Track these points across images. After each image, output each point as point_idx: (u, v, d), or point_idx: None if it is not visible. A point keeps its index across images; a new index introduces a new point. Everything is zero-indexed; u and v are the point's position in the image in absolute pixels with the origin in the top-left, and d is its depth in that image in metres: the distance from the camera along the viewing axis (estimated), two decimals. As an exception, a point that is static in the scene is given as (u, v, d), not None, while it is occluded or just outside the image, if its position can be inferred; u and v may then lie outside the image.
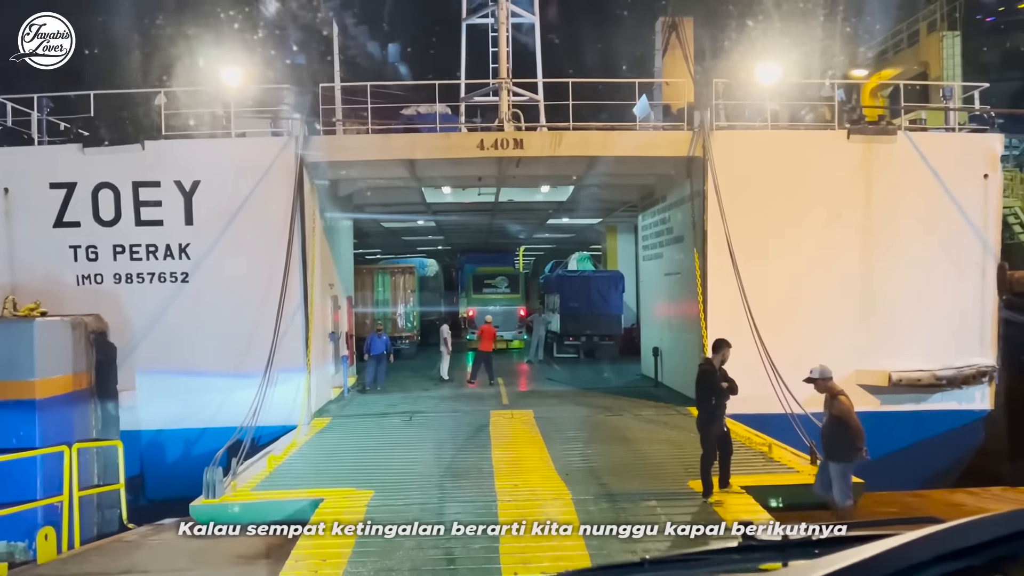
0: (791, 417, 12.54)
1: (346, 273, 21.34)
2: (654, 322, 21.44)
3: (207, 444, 13.69)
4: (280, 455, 12.53)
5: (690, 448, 12.60)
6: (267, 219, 15.72)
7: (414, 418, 15.86)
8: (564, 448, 12.65)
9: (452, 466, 11.47)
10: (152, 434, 15.18)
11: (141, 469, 14.71)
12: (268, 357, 14.02)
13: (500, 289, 30.88)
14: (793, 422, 12.41)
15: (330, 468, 11.67)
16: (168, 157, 15.90)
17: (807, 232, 16.19)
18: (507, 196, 22.38)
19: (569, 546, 7.73)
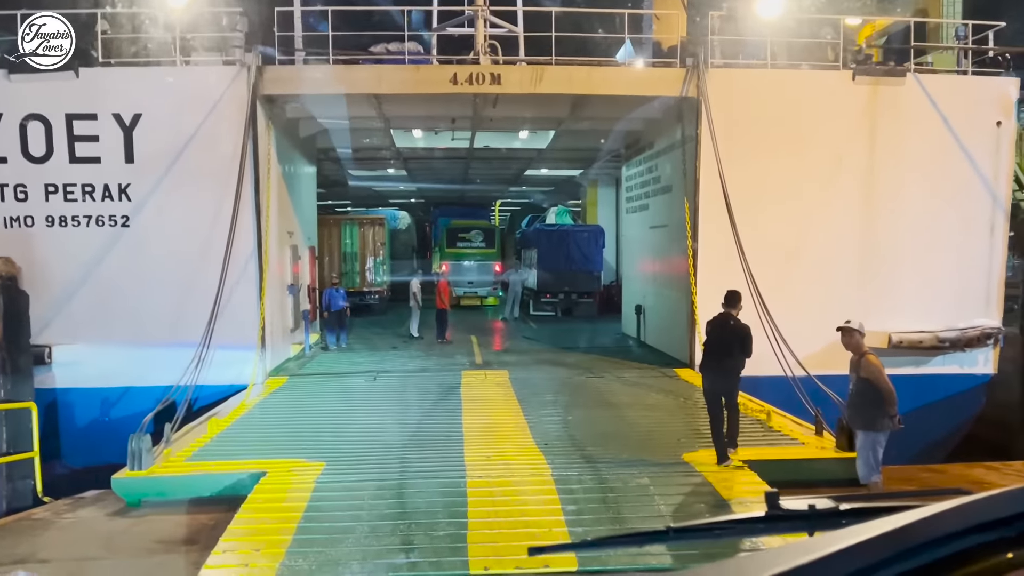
0: (792, 380, 11.42)
1: (308, 222, 19.84)
2: (637, 278, 20.23)
3: (148, 405, 12.39)
4: (225, 419, 11.23)
5: (681, 414, 11.51)
6: (217, 158, 14.18)
7: (379, 378, 14.58)
8: (542, 413, 11.45)
9: (417, 434, 10.23)
10: (85, 393, 13.78)
11: (70, 432, 13.36)
12: (212, 308, 12.60)
13: (475, 243, 29.49)
14: (795, 386, 11.29)
15: (280, 435, 10.38)
16: (106, 87, 14.26)
17: (806, 182, 14.98)
18: (483, 142, 20.89)
19: (549, 533, 6.52)
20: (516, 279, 25.95)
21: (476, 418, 11.12)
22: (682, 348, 15.70)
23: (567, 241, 26.38)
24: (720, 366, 8.91)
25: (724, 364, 8.92)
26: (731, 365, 8.87)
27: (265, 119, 14.92)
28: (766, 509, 1.62)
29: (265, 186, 14.63)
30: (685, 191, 15.20)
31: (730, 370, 8.92)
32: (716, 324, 8.96)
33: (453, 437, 9.90)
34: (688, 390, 13.43)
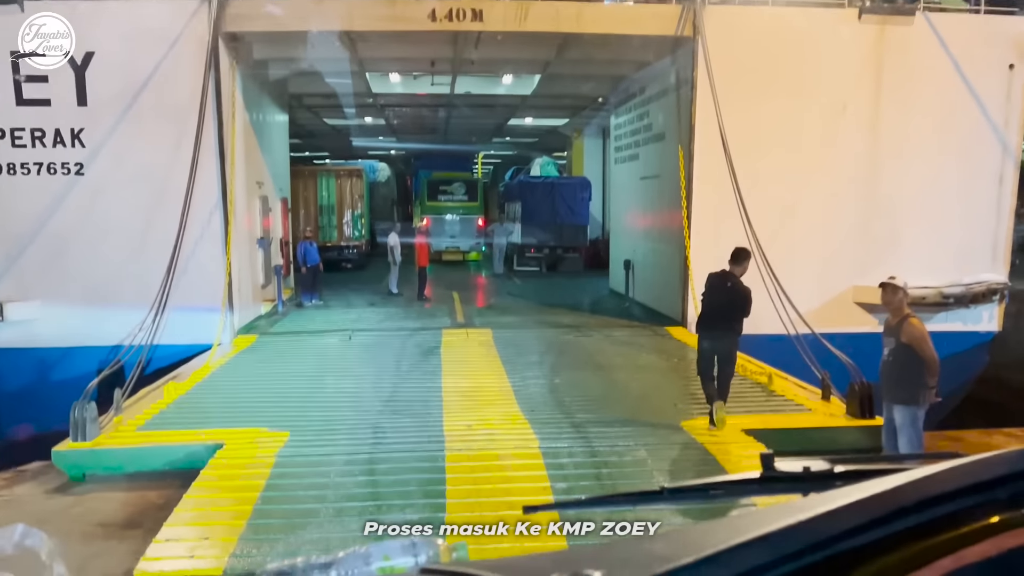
0: (796, 340, 10.70)
1: (280, 173, 18.81)
2: (626, 232, 19.39)
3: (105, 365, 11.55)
4: (185, 382, 10.37)
5: (675, 376, 10.78)
6: (178, 101, 13.11)
7: (354, 337, 13.74)
8: (527, 376, 10.68)
9: (392, 399, 9.43)
10: (38, 354, 12.87)
11: (21, 396, 12.48)
12: (170, 262, 11.70)
13: (457, 196, 28.46)
14: (798, 345, 10.57)
15: (243, 400, 9.54)
16: (55, 22, 13.09)
17: (807, 129, 14.12)
18: (464, 87, 19.78)
19: (537, 516, 5.74)
20: (501, 233, 25.03)
21: (457, 381, 10.33)
22: (674, 305, 14.94)
23: (552, 193, 25.47)
24: (716, 328, 8.15)
25: (720, 326, 8.17)
26: (728, 328, 8.11)
27: (229, 59, 13.82)
28: (761, 470, 1.62)
29: (230, 132, 13.60)
30: (679, 139, 14.31)
31: (727, 333, 8.17)
32: (715, 283, 8.20)
33: (432, 403, 9.11)
34: (681, 349, 12.70)
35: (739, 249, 8.26)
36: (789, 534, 0.98)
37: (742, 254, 8.16)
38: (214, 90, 13.22)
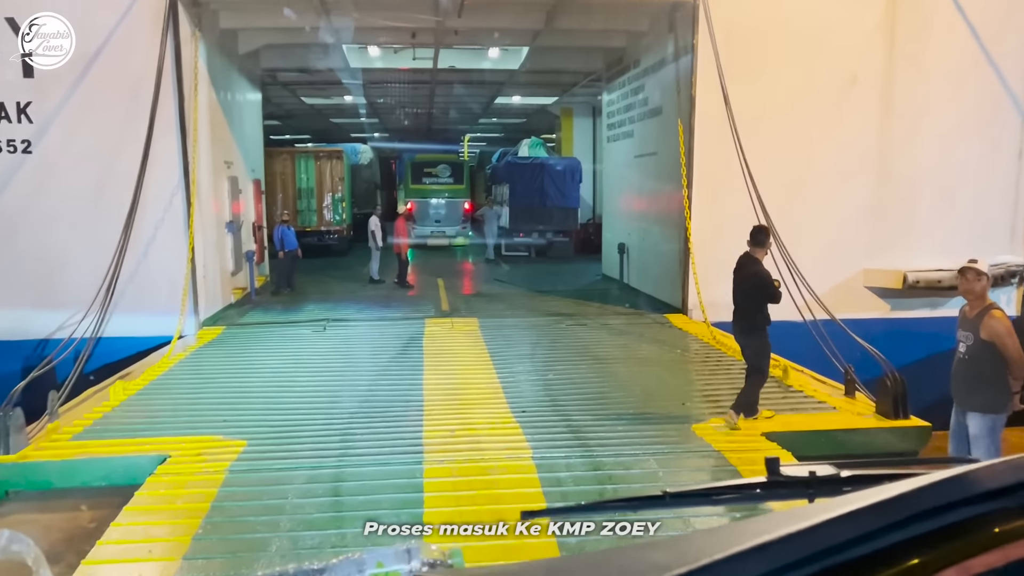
0: (813, 328, 9.77)
1: (253, 152, 17.68)
2: (620, 214, 18.39)
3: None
4: (136, 381, 9.32)
5: (680, 370, 9.83)
6: (134, 73, 11.99)
7: (329, 328, 12.72)
8: (518, 370, 9.71)
9: (367, 400, 8.42)
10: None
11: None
12: (118, 245, 10.65)
13: (442, 179, 27.37)
14: (815, 333, 9.64)
15: (199, 402, 8.52)
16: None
17: (814, 101, 13.15)
18: (448, 61, 18.66)
19: (532, 544, 4.80)
20: (492, 217, 23.87)
21: (440, 378, 9.33)
22: (674, 291, 13.98)
23: (541, 175, 24.43)
24: (741, 320, 7.23)
25: (743, 318, 7.25)
26: (751, 319, 7.18)
27: (190, 26, 12.70)
28: (766, 475, 1.60)
29: (192, 106, 12.49)
30: (679, 112, 13.29)
31: (748, 326, 7.25)
32: (738, 268, 7.30)
33: (411, 404, 8.11)
34: (683, 339, 11.76)
35: (757, 227, 7.33)
36: (791, 542, 0.96)
37: (760, 233, 7.21)
38: (173, 60, 12.12)
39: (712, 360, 10.29)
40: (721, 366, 9.95)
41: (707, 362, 10.21)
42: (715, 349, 10.87)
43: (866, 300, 13.56)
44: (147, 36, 11.93)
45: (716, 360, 10.27)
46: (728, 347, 10.78)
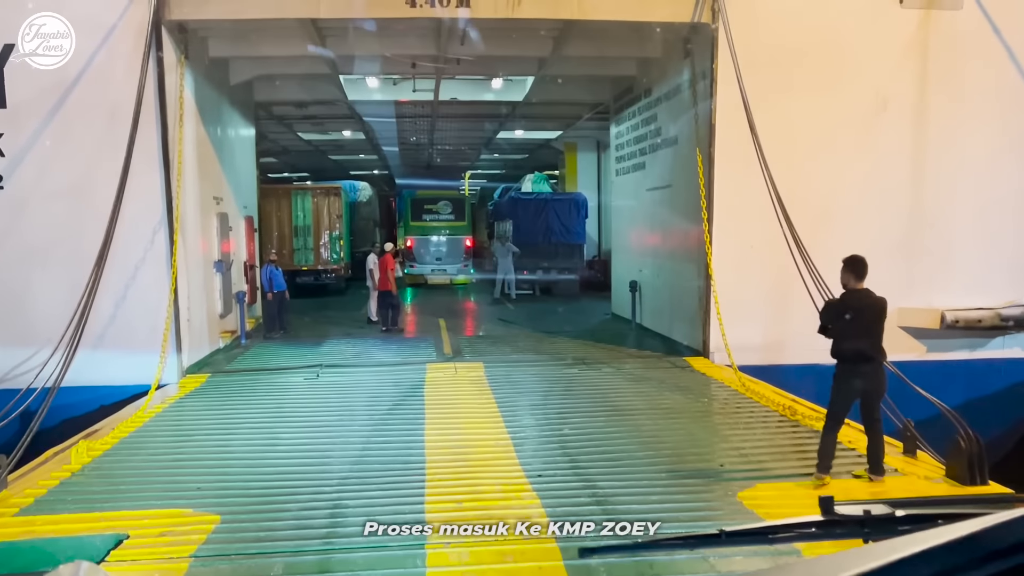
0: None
1: (245, 188, 16.82)
2: (630, 250, 17.49)
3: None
4: (104, 440, 8.32)
5: (711, 423, 8.84)
6: (115, 102, 11.18)
7: (323, 375, 11.74)
8: (530, 424, 8.73)
9: (362, 460, 7.43)
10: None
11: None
12: (87, 286, 9.73)
13: (443, 215, 26.53)
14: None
15: (171, 466, 7.53)
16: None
17: (842, 129, 12.35)
18: (450, 93, 17.92)
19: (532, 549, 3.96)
20: (505, 252, 22.78)
21: (443, 433, 8.33)
22: (693, 332, 13.03)
23: (545, 210, 23.62)
24: (862, 364, 6.53)
25: (864, 361, 6.53)
26: (877, 360, 6.58)
27: (176, 53, 11.92)
28: (821, 513, 1.58)
29: (176, 138, 11.66)
30: (696, 141, 12.45)
31: (876, 368, 6.60)
32: (856, 303, 6.60)
33: (411, 467, 7.11)
34: (710, 387, 10.78)
35: (856, 260, 6.66)
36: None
37: (863, 265, 6.63)
38: (155, 88, 11.29)
39: (745, 411, 9.29)
40: (756, 418, 8.96)
41: (739, 413, 9.22)
42: (746, 398, 9.87)
43: (901, 341, 12.56)
44: (129, 63, 11.12)
45: (749, 411, 9.28)
46: (760, 395, 9.81)
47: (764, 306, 12.31)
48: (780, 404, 9.30)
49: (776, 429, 8.51)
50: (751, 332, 11.92)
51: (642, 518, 5.57)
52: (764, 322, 12.25)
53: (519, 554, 5.05)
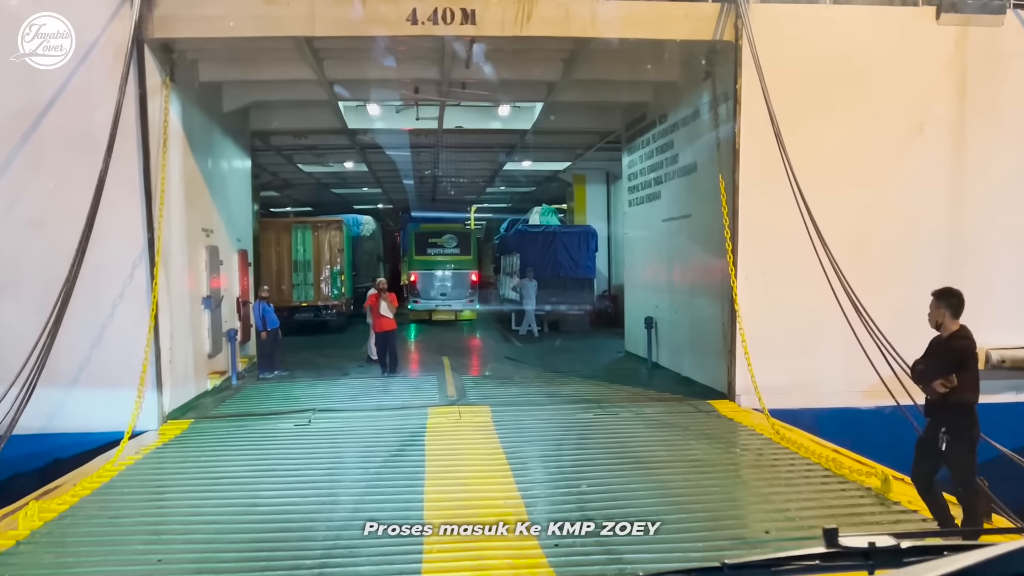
0: (906, 412, 7.92)
1: (239, 220, 16.01)
2: (645, 285, 16.57)
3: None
4: (60, 499, 7.35)
5: (748, 477, 7.84)
6: (94, 127, 10.35)
7: (315, 421, 10.79)
8: (543, 480, 7.76)
9: (349, 526, 6.45)
10: None
11: None
12: (48, 319, 8.86)
13: (448, 249, 25.72)
14: (915, 424, 7.69)
15: (131, 532, 6.58)
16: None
17: (875, 153, 11.51)
18: (455, 121, 17.14)
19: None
20: (530, 289, 21.63)
21: (445, 491, 7.37)
22: (716, 372, 12.07)
23: (554, 244, 22.77)
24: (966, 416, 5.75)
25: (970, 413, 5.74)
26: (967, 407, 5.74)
27: (160, 74, 11.15)
28: (825, 545, 1.58)
29: (159, 165, 10.85)
30: (719, 168, 11.60)
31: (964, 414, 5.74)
32: (973, 346, 5.92)
33: (406, 538, 6.11)
34: (739, 434, 9.79)
35: (950, 293, 5.90)
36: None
37: (959, 298, 5.84)
38: (137, 112, 10.50)
39: (783, 463, 8.30)
40: (797, 472, 7.97)
41: (777, 466, 8.22)
42: (782, 448, 8.87)
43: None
44: (107, 86, 10.32)
45: (788, 463, 8.28)
46: (797, 444, 8.83)
47: (794, 344, 11.36)
48: (822, 455, 8.30)
49: (821, 485, 7.52)
50: (779, 373, 10.95)
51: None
52: (793, 362, 11.29)
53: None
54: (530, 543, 5.93)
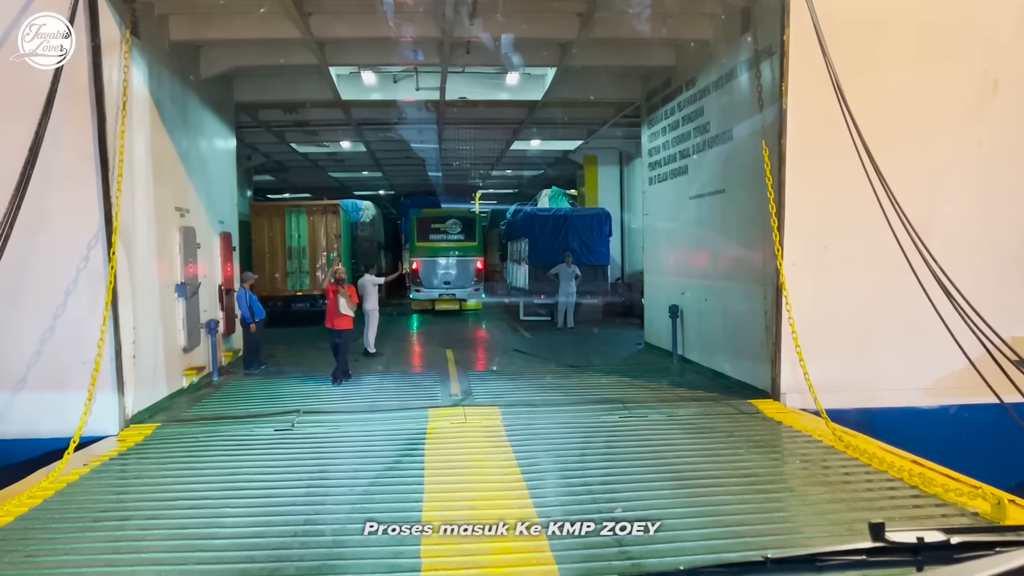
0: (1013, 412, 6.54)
1: (221, 200, 14.55)
2: (669, 270, 15.08)
3: None
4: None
5: (826, 500, 6.37)
6: (40, 88, 8.92)
7: (300, 424, 9.38)
8: (566, 501, 6.33)
9: (332, 557, 5.04)
10: None
11: None
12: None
13: (452, 236, 24.25)
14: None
15: (56, 569, 5.17)
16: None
17: (942, 115, 10.02)
18: (458, 91, 15.66)
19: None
20: (568, 276, 19.66)
21: (447, 512, 5.93)
22: (756, 368, 10.62)
23: (565, 228, 21.33)
24: None
25: None
26: None
27: (118, 27, 9.70)
28: (871, 539, 1.50)
29: (117, 132, 9.40)
30: (762, 134, 10.10)
31: None
32: None
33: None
34: (794, 441, 8.33)
35: None
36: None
37: None
38: (90, 70, 9.06)
39: (858, 479, 6.83)
40: (878, 491, 6.51)
41: (852, 483, 6.74)
42: (850, 458, 7.42)
43: (1019, 379, 10.13)
44: (54, 40, 8.87)
45: (864, 479, 6.82)
46: (866, 454, 7.39)
47: (846, 337, 9.95)
48: (902, 468, 6.85)
49: (914, 509, 6.07)
50: (829, 369, 9.49)
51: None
52: (845, 357, 9.86)
53: None
54: None
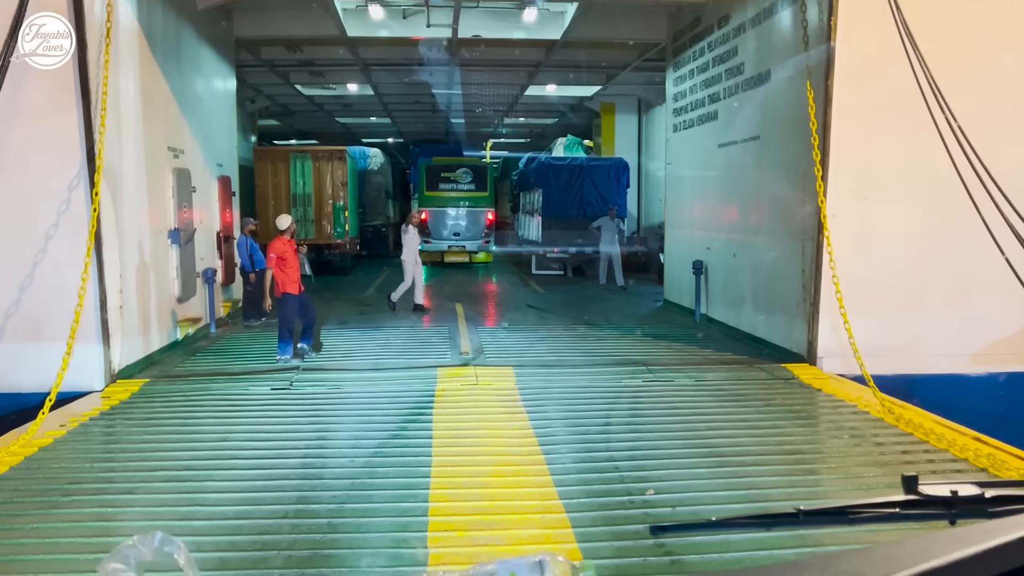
0: None
1: (220, 141, 13.75)
2: (693, 223, 14.23)
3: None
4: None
5: (884, 483, 5.64)
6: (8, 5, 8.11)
7: (299, 383, 8.71)
8: (588, 477, 5.63)
9: (324, 544, 4.38)
10: None
11: None
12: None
13: (462, 185, 23.39)
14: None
15: (26, 539, 4.54)
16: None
17: (1013, 52, 9.07)
18: (472, 28, 14.67)
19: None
20: (610, 229, 18.36)
21: (455, 490, 5.27)
22: (790, 329, 9.86)
23: (580, 178, 20.44)
24: None
25: None
26: None
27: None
28: (904, 492, 1.47)
29: (101, 62, 8.57)
30: (807, 73, 9.17)
31: None
32: None
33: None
34: (837, 411, 7.59)
35: None
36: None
37: None
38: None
39: (918, 459, 6.08)
40: (940, 471, 5.79)
41: (912, 463, 6.00)
42: (904, 433, 6.67)
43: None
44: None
45: (925, 459, 6.07)
46: (919, 427, 6.66)
47: (890, 298, 9.16)
48: (966, 447, 6.12)
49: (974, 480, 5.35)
50: (870, 332, 8.70)
51: None
52: (889, 319, 9.08)
53: None
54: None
